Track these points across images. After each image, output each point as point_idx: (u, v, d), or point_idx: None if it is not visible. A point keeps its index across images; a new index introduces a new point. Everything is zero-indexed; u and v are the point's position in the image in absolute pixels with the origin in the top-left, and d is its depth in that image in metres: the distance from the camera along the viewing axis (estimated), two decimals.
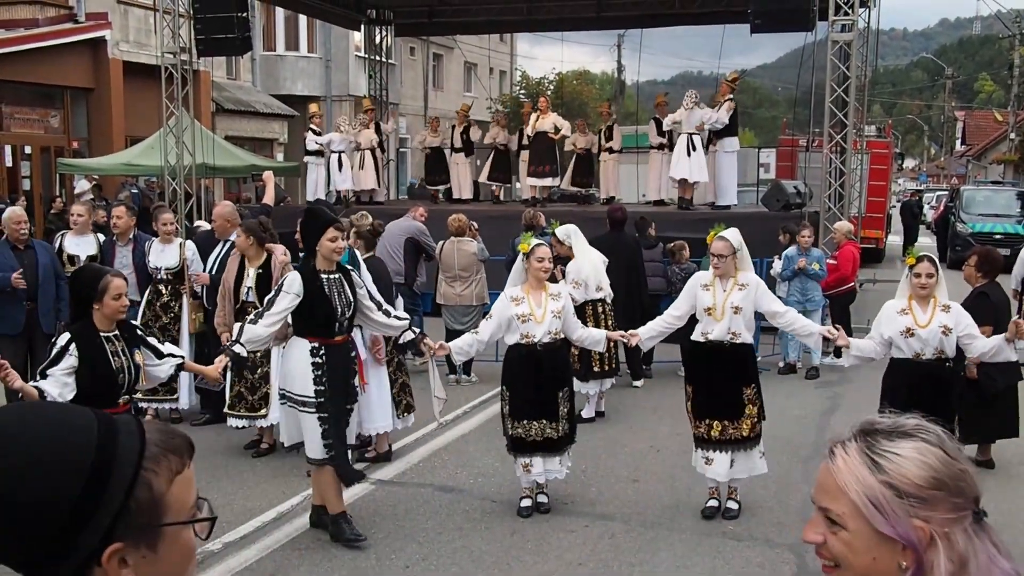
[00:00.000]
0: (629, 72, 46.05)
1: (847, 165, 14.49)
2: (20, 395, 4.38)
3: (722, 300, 6.27)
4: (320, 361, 5.70)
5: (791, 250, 11.37)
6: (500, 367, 10.57)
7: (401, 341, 6.21)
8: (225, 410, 7.81)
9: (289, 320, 5.82)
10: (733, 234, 6.37)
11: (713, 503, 6.52)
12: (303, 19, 29.01)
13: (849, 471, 1.44)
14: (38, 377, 4.66)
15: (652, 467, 7.63)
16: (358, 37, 26.66)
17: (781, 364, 11.39)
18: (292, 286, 5.64)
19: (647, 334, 6.58)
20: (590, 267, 8.74)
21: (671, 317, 6.55)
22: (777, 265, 11.41)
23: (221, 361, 5.52)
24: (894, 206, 30.56)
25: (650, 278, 10.62)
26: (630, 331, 6.71)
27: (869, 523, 1.42)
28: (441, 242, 10.76)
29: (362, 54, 25.03)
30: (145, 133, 18.97)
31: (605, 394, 9.15)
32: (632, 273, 10.02)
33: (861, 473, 1.43)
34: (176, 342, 8.31)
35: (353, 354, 6.19)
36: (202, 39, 15.55)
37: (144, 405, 8.56)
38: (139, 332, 5.05)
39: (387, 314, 6.11)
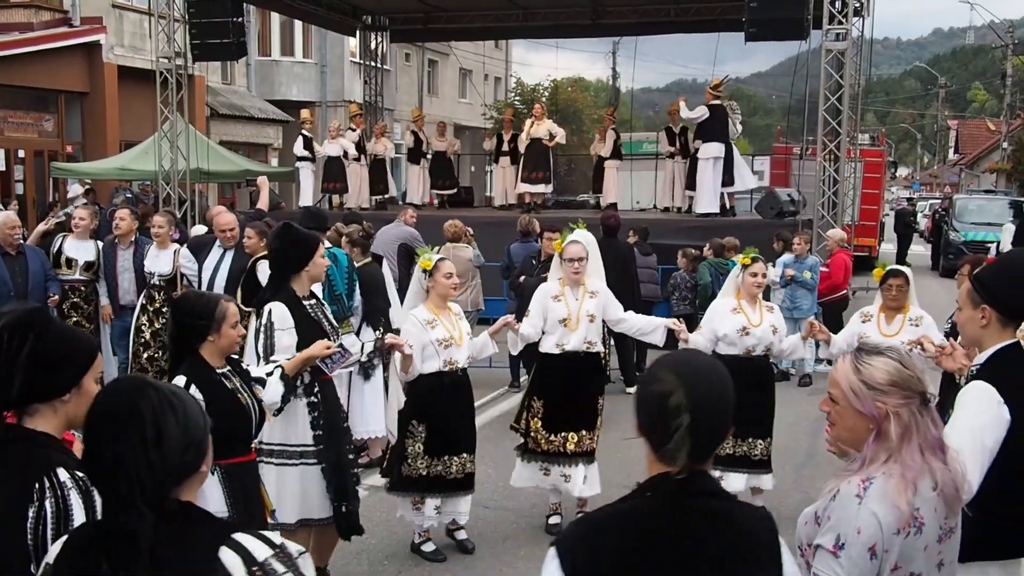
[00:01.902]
0: (624, 79, 46.17)
1: (841, 173, 14.54)
2: None
3: (576, 309, 6.16)
4: (316, 400, 4.86)
5: (786, 257, 11.40)
6: (490, 373, 10.64)
7: (364, 358, 5.37)
8: None
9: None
10: (585, 236, 6.31)
11: (556, 519, 6.41)
12: (298, 24, 29.01)
13: (843, 371, 2.46)
14: None
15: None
16: (353, 43, 26.72)
17: (774, 371, 11.40)
18: (285, 321, 4.74)
19: (524, 330, 6.15)
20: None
21: (532, 329, 6.19)
22: (772, 272, 11.43)
23: (319, 344, 4.65)
24: (887, 214, 30.61)
25: (644, 284, 10.66)
26: (508, 317, 6.13)
27: (850, 402, 2.42)
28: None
29: (357, 60, 25.07)
30: (139, 137, 18.96)
31: None
32: (625, 280, 10.02)
33: (848, 373, 2.44)
34: (167, 348, 8.27)
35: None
36: (197, 44, 15.59)
37: None
38: (242, 365, 4.23)
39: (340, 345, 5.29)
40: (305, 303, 4.90)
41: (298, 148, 17.48)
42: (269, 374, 4.37)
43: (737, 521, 2.05)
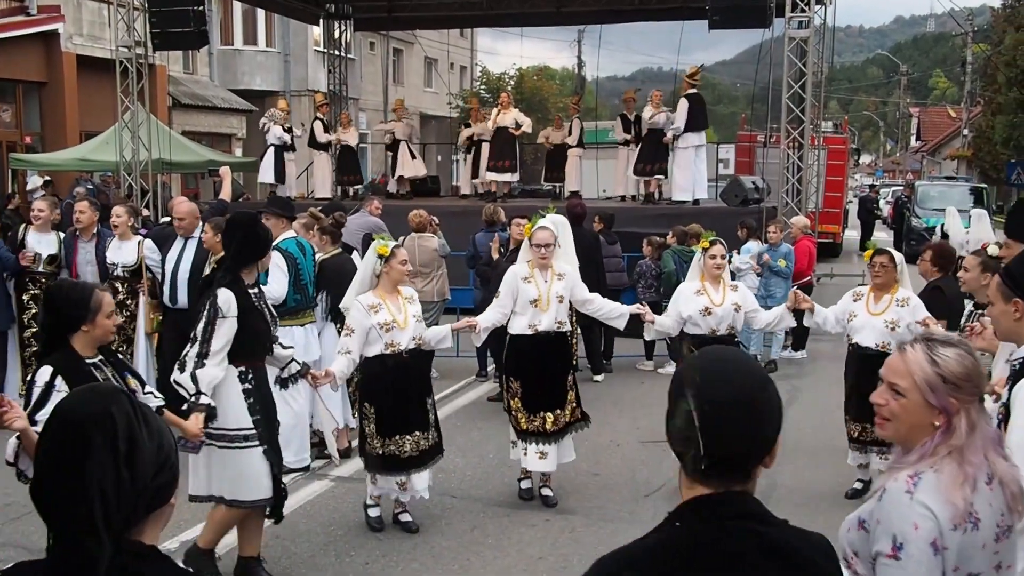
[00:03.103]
0: (589, 68, 46.16)
1: (804, 161, 14.64)
2: (19, 438, 3.57)
3: (546, 290, 6.38)
4: (251, 387, 5.02)
5: (752, 245, 11.46)
6: (457, 362, 10.62)
7: (285, 374, 5.50)
8: None
9: None
10: (553, 224, 6.51)
11: (527, 483, 6.73)
12: (261, 13, 28.69)
13: (916, 361, 2.27)
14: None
15: (612, 461, 7.66)
16: (317, 31, 26.52)
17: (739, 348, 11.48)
18: (229, 309, 4.85)
19: (485, 323, 6.41)
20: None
21: (499, 312, 6.43)
22: (736, 260, 11.50)
23: (198, 419, 4.72)
24: (851, 201, 30.90)
25: (609, 273, 10.68)
26: (473, 319, 6.45)
27: (922, 395, 2.25)
28: (402, 238, 10.68)
29: (321, 49, 24.88)
30: (100, 128, 18.68)
31: None
32: (591, 268, 10.03)
33: (923, 364, 2.26)
34: (131, 342, 8.20)
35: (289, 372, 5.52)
36: (158, 33, 15.37)
37: None
38: (120, 356, 4.25)
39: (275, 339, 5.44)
40: (251, 292, 5.07)
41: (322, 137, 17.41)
42: (154, 396, 4.39)
43: (791, 548, 1.78)
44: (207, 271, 7.75)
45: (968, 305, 6.01)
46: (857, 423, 6.53)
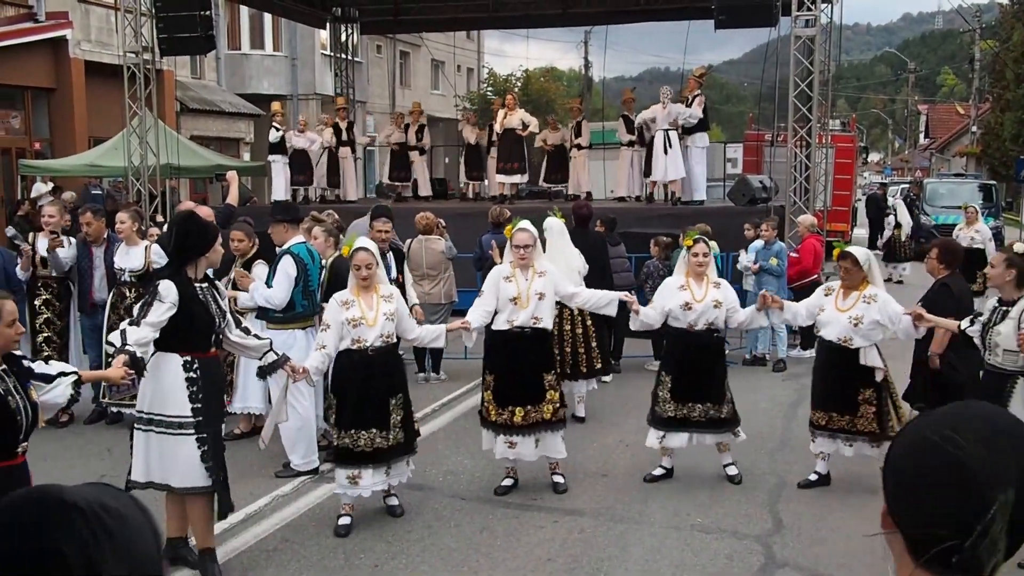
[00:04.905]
0: (596, 68, 46.21)
1: (812, 159, 14.59)
2: None
3: (526, 288, 6.57)
4: (195, 376, 5.17)
5: (758, 243, 11.45)
6: (464, 364, 10.63)
7: (262, 363, 5.73)
8: None
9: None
10: (531, 225, 6.76)
11: (508, 481, 6.88)
12: (268, 17, 28.76)
13: None
14: None
15: (621, 461, 7.65)
16: (324, 35, 26.55)
17: (747, 356, 11.47)
18: (168, 295, 5.07)
19: (476, 323, 6.56)
20: (564, 266, 8.68)
21: (483, 310, 6.60)
22: (743, 258, 11.49)
23: (120, 360, 4.81)
24: (859, 199, 30.80)
25: (616, 274, 10.66)
26: (466, 320, 6.54)
27: None
28: (409, 240, 10.71)
29: (328, 52, 24.92)
30: (108, 133, 18.76)
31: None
32: (598, 269, 10.03)
33: None
34: None
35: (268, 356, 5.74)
36: (165, 38, 15.39)
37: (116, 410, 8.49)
38: (24, 363, 4.14)
39: (246, 332, 5.65)
40: (197, 285, 5.27)
41: (273, 138, 17.39)
42: (64, 374, 4.37)
43: None
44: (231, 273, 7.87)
45: (991, 301, 5.97)
46: (823, 412, 6.77)
